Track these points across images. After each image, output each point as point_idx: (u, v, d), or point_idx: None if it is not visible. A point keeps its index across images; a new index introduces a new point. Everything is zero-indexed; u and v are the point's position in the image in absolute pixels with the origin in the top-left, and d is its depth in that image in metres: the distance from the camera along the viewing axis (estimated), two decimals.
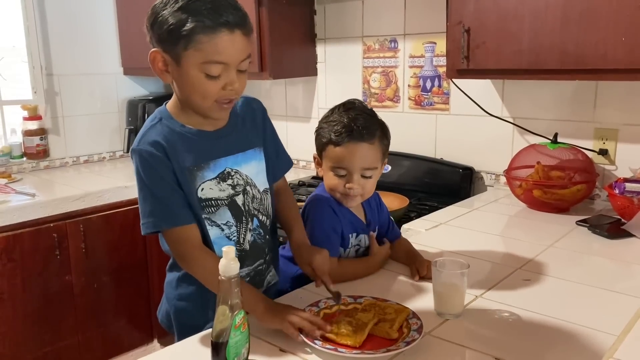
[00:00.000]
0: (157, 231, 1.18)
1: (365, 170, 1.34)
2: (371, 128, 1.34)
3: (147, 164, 1.14)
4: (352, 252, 1.45)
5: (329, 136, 1.34)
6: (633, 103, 1.92)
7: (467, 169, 2.28)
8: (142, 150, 1.15)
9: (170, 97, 1.25)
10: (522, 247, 1.60)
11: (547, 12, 1.69)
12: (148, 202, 1.16)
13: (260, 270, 1.32)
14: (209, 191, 1.19)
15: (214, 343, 0.91)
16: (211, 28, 1.06)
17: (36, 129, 2.88)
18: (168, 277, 1.35)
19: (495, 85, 2.21)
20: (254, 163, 1.28)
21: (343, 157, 1.33)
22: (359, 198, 1.39)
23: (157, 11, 1.10)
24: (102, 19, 3.12)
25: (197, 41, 1.06)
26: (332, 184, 1.37)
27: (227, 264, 0.89)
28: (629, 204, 1.69)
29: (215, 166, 1.20)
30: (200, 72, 1.09)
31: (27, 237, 2.27)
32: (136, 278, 2.67)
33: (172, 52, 1.10)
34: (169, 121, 1.19)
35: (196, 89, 1.12)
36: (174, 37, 1.07)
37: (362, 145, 1.32)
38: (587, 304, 1.24)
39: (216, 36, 1.06)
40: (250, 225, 1.27)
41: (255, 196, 1.27)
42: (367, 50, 2.58)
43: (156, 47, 1.13)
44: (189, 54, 1.08)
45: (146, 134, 1.18)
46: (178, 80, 1.14)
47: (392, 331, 1.07)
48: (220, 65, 1.09)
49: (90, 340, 2.53)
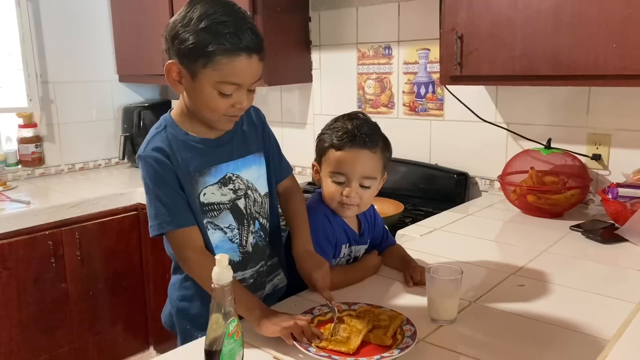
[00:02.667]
0: (163, 233, 1.21)
1: (364, 179, 1.34)
2: (374, 137, 1.35)
3: (151, 169, 1.19)
4: (343, 262, 1.45)
5: (331, 140, 1.35)
6: (626, 108, 1.93)
7: (462, 174, 2.29)
8: (147, 156, 1.20)
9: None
10: (516, 253, 1.60)
11: (539, 19, 1.70)
12: (153, 205, 1.20)
13: (262, 272, 1.35)
14: (211, 196, 1.24)
15: (207, 351, 0.91)
16: (231, 51, 1.11)
17: (31, 137, 2.88)
18: (172, 279, 1.37)
19: (489, 91, 2.23)
20: (254, 168, 1.32)
21: (343, 162, 1.33)
22: (355, 209, 1.38)
23: (180, 27, 1.13)
24: (97, 26, 3.12)
25: (217, 62, 1.11)
26: (330, 191, 1.37)
27: (220, 272, 0.89)
28: (622, 208, 1.70)
29: (217, 171, 1.24)
30: (214, 89, 1.14)
31: (22, 245, 2.27)
32: (132, 285, 2.67)
33: (190, 67, 1.14)
34: (173, 129, 1.24)
35: (207, 104, 1.17)
36: (195, 54, 1.12)
37: (364, 152, 1.32)
38: (580, 308, 1.25)
39: (235, 59, 1.12)
40: (252, 227, 1.31)
41: (256, 200, 1.31)
42: (362, 56, 2.59)
43: (174, 60, 1.16)
44: (206, 72, 1.13)
45: (151, 140, 1.22)
46: (190, 93, 1.19)
47: (386, 338, 1.07)
48: (234, 86, 1.15)
49: (86, 348, 2.53)
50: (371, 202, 1.43)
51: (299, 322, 1.07)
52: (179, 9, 1.16)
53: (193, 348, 1.11)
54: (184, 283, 1.32)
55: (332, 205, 1.38)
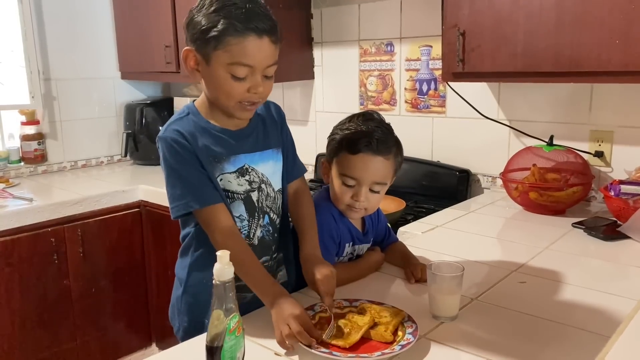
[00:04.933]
0: (187, 213, 1.21)
1: (375, 184, 1.33)
2: (388, 143, 1.33)
3: (173, 149, 1.19)
4: (345, 260, 1.44)
5: (344, 143, 1.32)
6: (628, 105, 1.93)
7: (464, 171, 2.28)
8: (167, 137, 1.20)
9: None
10: (518, 250, 1.60)
11: (542, 15, 1.69)
12: (178, 186, 1.20)
13: (266, 266, 1.33)
14: (227, 183, 1.24)
15: (208, 347, 0.91)
16: (240, 31, 1.12)
17: (34, 134, 2.89)
18: (179, 262, 1.36)
19: (491, 88, 2.22)
20: (271, 163, 1.32)
21: (355, 167, 1.31)
22: (363, 212, 1.37)
23: (195, 13, 1.16)
24: (99, 23, 3.12)
25: (226, 42, 1.12)
26: (339, 193, 1.35)
27: (222, 269, 0.89)
28: (624, 205, 1.70)
29: (235, 161, 1.25)
30: (227, 72, 1.15)
31: (24, 242, 2.28)
32: (134, 282, 2.68)
33: (203, 51, 1.16)
34: (195, 116, 1.25)
35: (222, 88, 1.17)
36: (206, 37, 1.13)
37: (377, 158, 1.30)
38: (582, 305, 1.25)
39: (244, 39, 1.13)
40: (261, 221, 1.31)
41: (269, 194, 1.31)
42: (364, 53, 2.59)
43: (189, 46, 1.18)
44: (218, 54, 1.14)
45: (172, 124, 1.24)
46: (207, 79, 1.20)
47: (388, 334, 1.07)
48: (246, 67, 1.15)
49: (89, 345, 2.53)
50: (378, 206, 1.42)
51: (294, 328, 1.04)
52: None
53: (195, 344, 1.11)
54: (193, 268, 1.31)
55: (340, 206, 1.37)
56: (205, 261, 1.26)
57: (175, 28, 2.74)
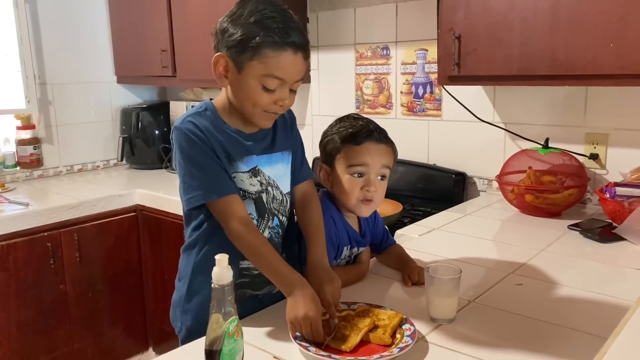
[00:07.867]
0: (203, 204, 1.21)
1: (383, 167, 1.35)
2: (385, 133, 1.39)
3: (190, 139, 1.20)
4: (343, 263, 1.45)
5: (347, 138, 1.35)
6: (623, 108, 1.94)
7: (460, 174, 2.29)
8: (184, 127, 1.21)
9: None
10: (514, 252, 1.61)
11: (537, 19, 1.71)
12: (195, 176, 1.20)
13: None
14: (239, 182, 1.25)
15: (207, 351, 0.91)
16: (279, 45, 1.14)
17: (29, 138, 2.88)
18: (183, 259, 1.36)
19: (487, 91, 2.23)
20: (280, 166, 1.33)
21: (364, 153, 1.33)
22: (373, 205, 1.38)
23: (231, 22, 1.18)
24: (95, 27, 3.12)
25: (264, 55, 1.14)
26: (348, 188, 1.35)
27: (220, 272, 0.90)
28: (619, 207, 1.71)
29: (248, 161, 1.26)
30: (259, 83, 1.17)
31: (21, 246, 2.27)
32: (131, 286, 2.67)
33: (237, 59, 1.17)
34: (213, 114, 1.26)
35: (250, 97, 1.19)
36: (243, 46, 1.15)
37: (381, 145, 1.35)
38: (579, 307, 1.25)
39: (281, 53, 1.15)
40: (270, 223, 1.31)
41: (275, 197, 1.32)
42: (360, 57, 2.60)
43: (222, 52, 1.19)
44: (253, 64, 1.16)
45: (190, 116, 1.25)
46: (235, 86, 1.21)
47: (386, 337, 1.08)
48: (278, 80, 1.17)
49: (85, 349, 2.53)
50: (383, 197, 1.42)
51: (305, 331, 1.07)
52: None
53: (193, 348, 1.11)
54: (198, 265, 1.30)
55: (350, 203, 1.36)
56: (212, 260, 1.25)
57: (171, 32, 2.75)
